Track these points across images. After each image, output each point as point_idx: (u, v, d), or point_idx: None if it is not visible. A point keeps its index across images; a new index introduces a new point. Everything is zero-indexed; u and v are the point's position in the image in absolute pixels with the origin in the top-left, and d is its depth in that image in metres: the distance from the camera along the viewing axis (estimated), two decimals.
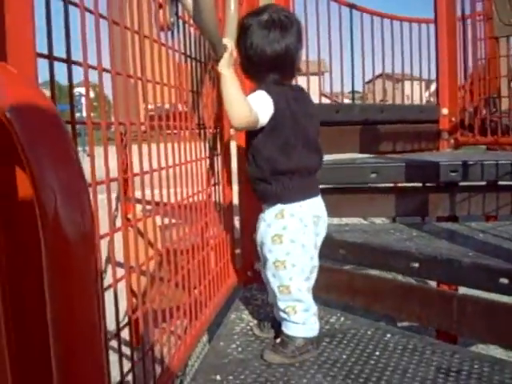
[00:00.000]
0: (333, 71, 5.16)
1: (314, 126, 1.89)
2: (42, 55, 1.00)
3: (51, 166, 0.64)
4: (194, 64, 2.12)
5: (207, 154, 2.24)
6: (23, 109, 0.68)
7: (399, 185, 2.95)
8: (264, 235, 1.83)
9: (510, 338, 1.96)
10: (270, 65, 1.79)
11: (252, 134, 1.80)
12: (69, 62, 1.13)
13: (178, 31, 1.93)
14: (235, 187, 2.57)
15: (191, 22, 1.96)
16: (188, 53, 2.05)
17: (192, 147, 2.01)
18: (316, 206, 1.86)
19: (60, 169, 0.64)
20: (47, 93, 0.89)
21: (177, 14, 1.92)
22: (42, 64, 0.99)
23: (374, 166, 2.81)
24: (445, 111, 4.02)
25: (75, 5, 1.17)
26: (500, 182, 2.83)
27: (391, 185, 2.99)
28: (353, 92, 5.49)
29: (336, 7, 4.79)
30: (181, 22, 1.98)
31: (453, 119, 4.02)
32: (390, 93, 5.69)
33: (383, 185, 2.96)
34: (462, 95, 4.34)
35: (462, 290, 2.33)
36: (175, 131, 1.86)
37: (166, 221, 1.78)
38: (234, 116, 1.71)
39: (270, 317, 2.06)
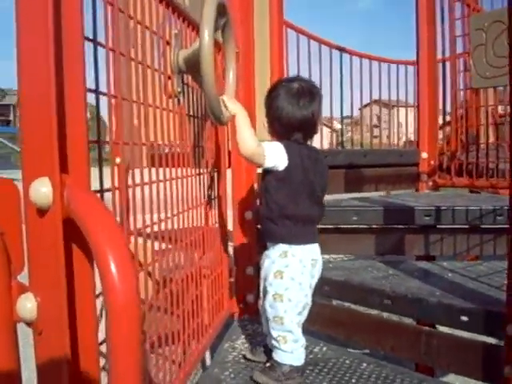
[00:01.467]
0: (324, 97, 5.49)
1: (322, 182, 2.13)
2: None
3: (110, 252, 0.93)
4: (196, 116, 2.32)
5: (204, 195, 2.42)
6: (86, 210, 0.99)
7: (379, 226, 3.16)
8: (268, 270, 2.07)
9: (470, 369, 2.19)
10: (297, 127, 2.07)
11: (267, 178, 2.05)
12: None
13: (184, 96, 2.19)
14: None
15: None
16: (192, 110, 2.26)
17: (190, 185, 2.19)
18: (314, 251, 2.10)
19: (116, 254, 0.93)
20: None
21: (183, 83, 2.12)
22: None
23: (356, 209, 3.07)
24: (424, 155, 4.24)
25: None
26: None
27: (372, 226, 3.20)
28: (341, 119, 5.78)
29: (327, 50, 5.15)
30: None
31: (432, 162, 4.24)
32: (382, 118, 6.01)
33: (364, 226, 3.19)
34: (440, 139, 4.59)
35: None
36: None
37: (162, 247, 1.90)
38: (240, 144, 1.97)
39: (262, 343, 2.27)
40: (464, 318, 2.20)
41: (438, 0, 4.30)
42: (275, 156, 2.00)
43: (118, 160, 1.67)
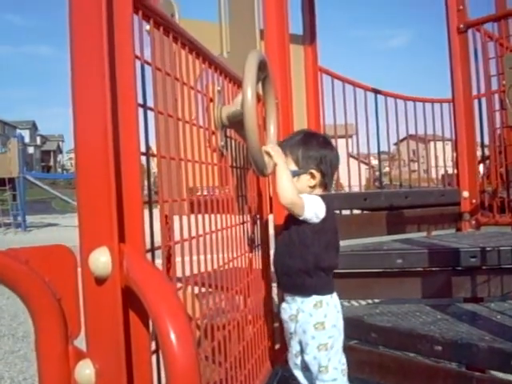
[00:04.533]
0: (360, 134, 5.58)
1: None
2: None
3: (169, 321, 0.97)
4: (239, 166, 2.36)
5: (248, 241, 2.42)
6: (144, 279, 1.04)
7: (424, 269, 3.14)
8: (305, 324, 2.08)
9: None
10: (332, 174, 2.18)
11: (301, 230, 2.08)
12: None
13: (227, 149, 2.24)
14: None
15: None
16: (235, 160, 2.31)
17: (235, 231, 2.21)
18: (337, 298, 2.15)
19: (175, 324, 0.97)
20: None
21: (226, 137, 2.18)
22: None
23: (400, 252, 3.07)
24: (465, 194, 4.19)
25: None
26: None
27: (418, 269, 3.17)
28: (379, 154, 5.82)
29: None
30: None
31: (473, 201, 4.19)
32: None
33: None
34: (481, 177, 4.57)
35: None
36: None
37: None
38: (280, 193, 2.01)
39: None
40: None
41: (471, 39, 4.32)
42: (315, 208, 2.05)
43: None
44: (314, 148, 2.16)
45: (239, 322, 2.19)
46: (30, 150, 77.10)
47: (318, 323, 2.06)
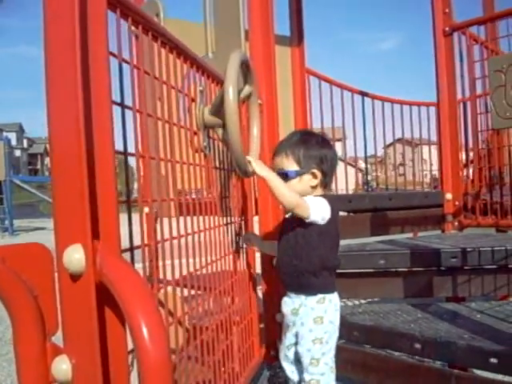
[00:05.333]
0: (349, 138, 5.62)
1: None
2: None
3: (142, 317, 0.99)
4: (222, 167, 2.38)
5: (233, 242, 2.46)
6: (118, 275, 1.06)
7: (406, 269, 3.16)
8: (305, 317, 2.11)
9: None
10: (332, 173, 2.20)
11: (307, 232, 2.09)
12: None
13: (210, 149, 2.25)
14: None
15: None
16: (218, 162, 2.33)
17: (220, 233, 2.24)
18: (338, 297, 2.18)
19: (147, 319, 0.99)
20: None
21: (208, 137, 2.19)
22: None
23: (383, 253, 3.09)
24: (448, 196, 4.23)
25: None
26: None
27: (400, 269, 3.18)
28: (365, 157, 5.86)
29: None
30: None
31: (456, 203, 4.23)
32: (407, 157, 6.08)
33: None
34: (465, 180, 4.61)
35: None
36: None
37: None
38: (282, 201, 2.03)
39: None
40: (493, 360, 2.19)
41: (456, 42, 4.35)
42: (321, 211, 2.07)
43: (146, 210, 1.74)
44: (314, 147, 2.16)
45: (223, 322, 2.21)
46: (17, 152, 76.98)
47: (317, 317, 2.09)
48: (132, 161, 1.49)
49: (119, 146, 1.37)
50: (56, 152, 1.11)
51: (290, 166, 2.14)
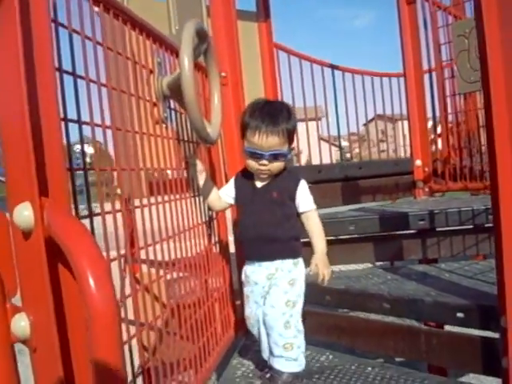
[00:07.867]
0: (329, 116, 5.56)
1: None
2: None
3: (89, 267, 1.01)
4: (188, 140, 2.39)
5: (203, 217, 2.47)
6: (65, 230, 1.08)
7: (376, 234, 3.22)
8: (280, 279, 2.13)
9: (471, 364, 2.23)
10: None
11: (287, 206, 2.14)
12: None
13: (172, 121, 2.26)
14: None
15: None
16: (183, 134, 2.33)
17: (188, 208, 2.26)
18: None
19: (94, 267, 1.01)
20: None
21: (169, 108, 2.20)
22: None
23: (352, 219, 3.15)
24: (418, 162, 4.30)
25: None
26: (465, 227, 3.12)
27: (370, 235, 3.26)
28: (338, 135, 5.85)
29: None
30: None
31: (426, 169, 4.31)
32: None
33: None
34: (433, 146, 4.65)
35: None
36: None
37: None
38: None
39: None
40: (460, 315, 2.25)
41: (419, 10, 4.37)
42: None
43: (118, 191, 1.77)
44: (295, 121, 2.13)
45: (197, 294, 2.25)
46: None
47: (292, 279, 2.12)
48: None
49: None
50: (3, 114, 1.12)
51: (284, 145, 2.08)
